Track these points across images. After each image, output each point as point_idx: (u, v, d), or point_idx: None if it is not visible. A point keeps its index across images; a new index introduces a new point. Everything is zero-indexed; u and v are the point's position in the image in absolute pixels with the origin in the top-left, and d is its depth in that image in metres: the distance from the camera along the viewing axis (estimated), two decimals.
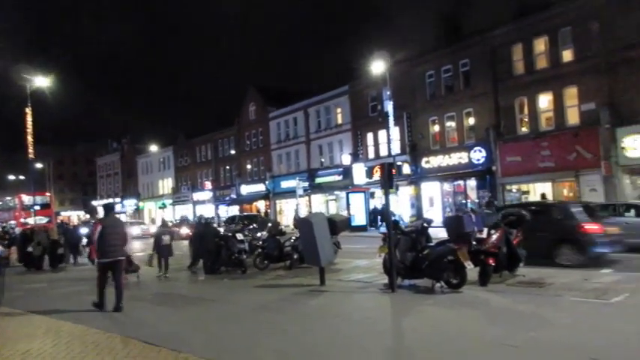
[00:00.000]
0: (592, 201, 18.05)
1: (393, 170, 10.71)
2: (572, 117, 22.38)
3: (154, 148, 55.73)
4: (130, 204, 63.28)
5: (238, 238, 13.11)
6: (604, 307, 6.99)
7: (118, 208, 55.86)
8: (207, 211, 47.01)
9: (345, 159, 33.48)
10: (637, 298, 7.36)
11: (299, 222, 13.60)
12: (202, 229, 13.91)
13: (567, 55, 22.61)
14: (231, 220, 29.67)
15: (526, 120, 24.35)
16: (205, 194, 49.51)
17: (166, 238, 13.43)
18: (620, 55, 20.23)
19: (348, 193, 31.02)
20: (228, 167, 48.35)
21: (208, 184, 49.30)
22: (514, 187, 24.85)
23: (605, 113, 20.62)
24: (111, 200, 56.47)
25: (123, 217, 47.96)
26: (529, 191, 24.27)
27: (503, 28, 24.61)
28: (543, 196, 21.08)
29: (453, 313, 7.17)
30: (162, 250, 13.32)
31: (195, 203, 51.35)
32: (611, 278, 9.24)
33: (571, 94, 22.45)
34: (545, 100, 23.63)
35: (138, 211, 61.73)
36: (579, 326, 6.10)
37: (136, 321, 7.76)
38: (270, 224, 15.71)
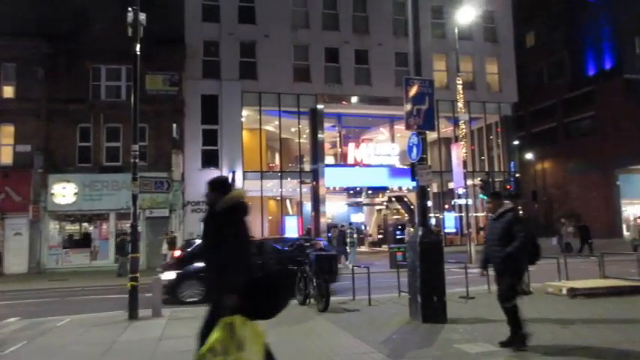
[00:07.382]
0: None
1: None
2: (6, 156, 21.45)
3: None
4: None
5: None
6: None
7: None
8: None
9: None
10: (33, 344, 7.49)
11: None
12: None
13: (9, 92, 21.81)
14: None
15: None
16: None
17: None
18: (60, 106, 21.39)
19: None
20: None
21: None
22: None
23: (39, 158, 20.95)
24: None
25: None
26: None
27: None
28: None
29: None
30: None
31: None
32: (15, 327, 9.04)
33: (7, 132, 21.56)
34: None
35: None
36: None
37: None
38: None
